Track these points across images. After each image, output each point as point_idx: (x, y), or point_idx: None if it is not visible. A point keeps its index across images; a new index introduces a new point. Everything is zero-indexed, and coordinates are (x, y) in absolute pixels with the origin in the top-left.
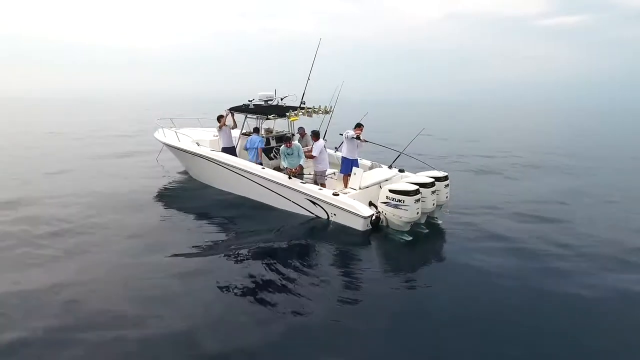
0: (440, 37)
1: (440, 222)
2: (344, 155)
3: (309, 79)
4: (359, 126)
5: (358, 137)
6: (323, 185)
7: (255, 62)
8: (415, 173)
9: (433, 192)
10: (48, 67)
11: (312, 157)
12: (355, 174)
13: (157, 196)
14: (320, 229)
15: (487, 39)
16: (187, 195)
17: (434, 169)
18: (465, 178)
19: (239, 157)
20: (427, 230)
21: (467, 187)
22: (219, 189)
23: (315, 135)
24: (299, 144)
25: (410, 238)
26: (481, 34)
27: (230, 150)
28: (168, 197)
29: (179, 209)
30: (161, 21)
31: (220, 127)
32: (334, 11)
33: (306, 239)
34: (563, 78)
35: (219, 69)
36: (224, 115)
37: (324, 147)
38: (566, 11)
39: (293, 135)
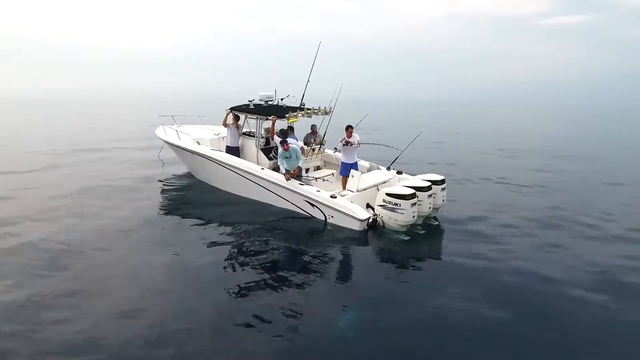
0: (440, 37)
1: (437, 222)
2: (342, 160)
3: (308, 80)
4: (347, 129)
5: (347, 143)
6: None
7: (255, 62)
8: (413, 175)
9: (430, 195)
10: (48, 67)
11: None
12: (352, 176)
13: (156, 194)
14: (318, 230)
15: (487, 39)
16: (186, 193)
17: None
18: (464, 178)
19: (242, 157)
20: (423, 231)
21: (466, 187)
22: (218, 188)
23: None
24: (296, 146)
25: (408, 238)
26: (481, 34)
27: (234, 150)
28: (167, 195)
29: (178, 207)
30: (161, 21)
31: (224, 124)
32: (334, 11)
33: (304, 239)
34: (564, 78)
35: (219, 69)
36: (226, 114)
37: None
38: (566, 11)
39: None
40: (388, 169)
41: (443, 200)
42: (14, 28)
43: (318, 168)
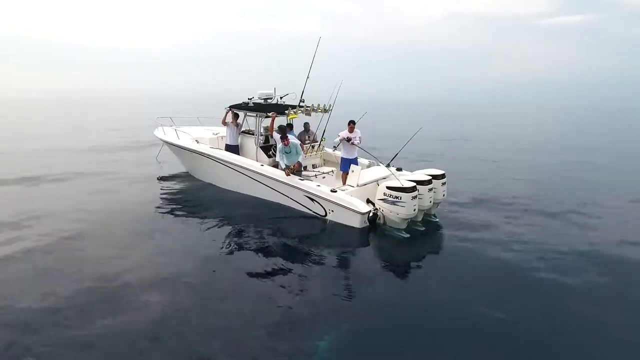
0: (440, 37)
1: (437, 219)
2: (342, 155)
3: (308, 77)
4: (349, 124)
5: (348, 139)
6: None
7: (255, 62)
8: (412, 171)
9: (430, 189)
10: (48, 67)
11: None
12: (353, 171)
13: (156, 194)
14: (318, 226)
15: (487, 39)
16: (186, 193)
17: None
18: (464, 175)
19: (241, 155)
20: (423, 228)
21: (466, 184)
22: (218, 187)
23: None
24: (296, 141)
25: (408, 235)
26: (481, 34)
27: (233, 148)
28: (167, 195)
29: (178, 207)
30: (161, 21)
31: (223, 123)
32: (335, 11)
33: (304, 236)
34: (564, 78)
35: (219, 69)
36: (225, 113)
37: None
38: (566, 11)
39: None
40: (387, 165)
41: (443, 195)
42: (14, 28)
43: (314, 166)
